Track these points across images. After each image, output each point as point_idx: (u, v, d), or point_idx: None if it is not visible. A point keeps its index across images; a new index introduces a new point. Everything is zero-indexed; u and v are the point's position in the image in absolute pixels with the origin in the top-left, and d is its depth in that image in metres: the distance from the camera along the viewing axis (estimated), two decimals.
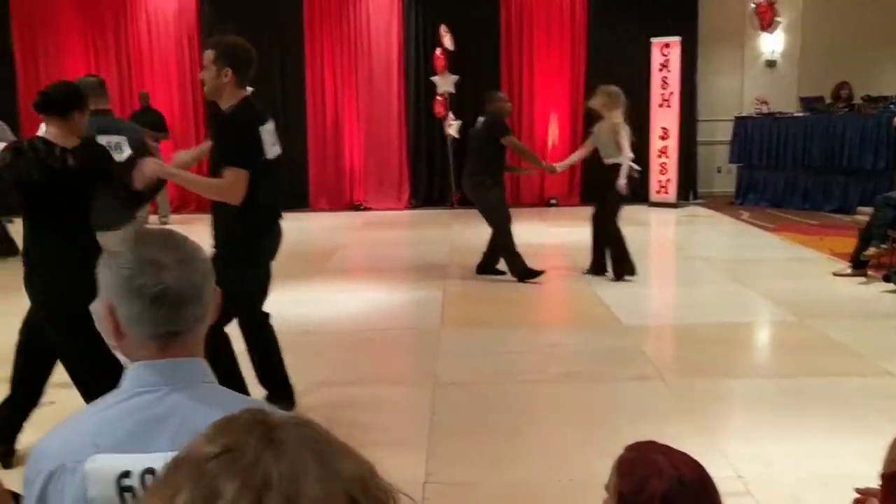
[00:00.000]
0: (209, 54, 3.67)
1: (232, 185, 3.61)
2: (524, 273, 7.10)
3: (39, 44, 12.43)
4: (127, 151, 4.62)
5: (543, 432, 3.99)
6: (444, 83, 11.91)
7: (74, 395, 3.57)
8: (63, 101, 3.49)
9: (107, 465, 1.21)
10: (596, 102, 7.28)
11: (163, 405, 1.25)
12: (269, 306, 6.09)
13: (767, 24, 12.18)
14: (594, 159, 7.44)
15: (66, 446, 1.25)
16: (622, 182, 7.00)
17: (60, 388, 4.55)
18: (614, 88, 7.36)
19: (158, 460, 1.21)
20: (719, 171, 12.78)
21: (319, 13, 12.31)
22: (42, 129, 3.66)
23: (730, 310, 6.25)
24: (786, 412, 4.13)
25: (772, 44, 12.49)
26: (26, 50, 12.44)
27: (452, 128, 11.58)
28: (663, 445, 1.51)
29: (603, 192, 7.26)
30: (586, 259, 7.61)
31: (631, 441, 1.55)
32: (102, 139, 4.47)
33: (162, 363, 1.29)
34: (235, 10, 12.23)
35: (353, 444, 0.84)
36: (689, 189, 12.37)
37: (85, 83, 4.38)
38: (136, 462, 1.21)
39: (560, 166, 8.17)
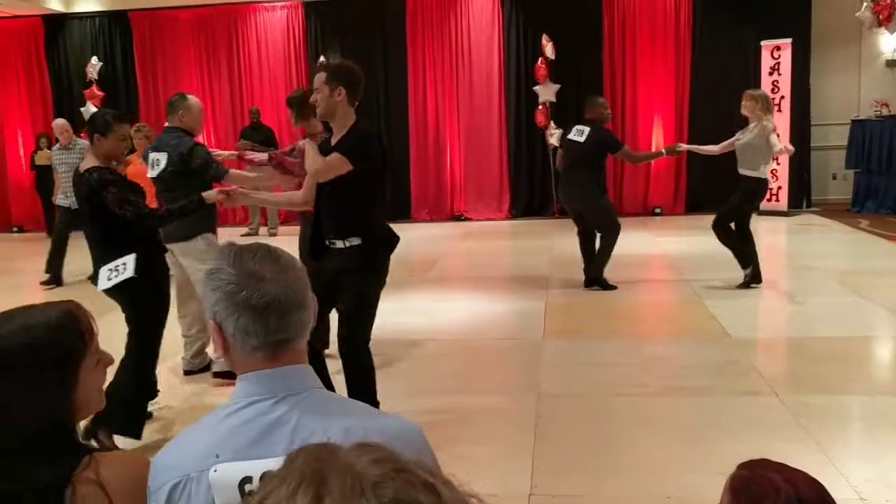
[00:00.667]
0: (320, 77, 3.80)
1: (328, 165, 3.74)
2: (602, 280, 7.18)
3: (158, 66, 13.10)
4: (161, 166, 4.84)
5: (648, 446, 3.91)
6: (546, 92, 11.86)
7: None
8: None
9: (229, 472, 1.26)
10: (745, 108, 7.11)
11: (277, 411, 1.30)
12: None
13: (887, 20, 11.56)
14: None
15: (187, 458, 1.31)
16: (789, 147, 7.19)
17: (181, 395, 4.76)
18: (760, 91, 7.22)
19: (274, 465, 1.25)
20: (834, 178, 12.23)
21: (422, 26, 12.49)
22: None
23: (847, 323, 5.96)
24: None
25: (892, 42, 11.88)
26: (146, 73, 13.13)
27: (554, 137, 11.50)
28: (778, 464, 1.46)
29: (737, 199, 7.11)
30: (692, 268, 7.39)
31: (742, 459, 1.50)
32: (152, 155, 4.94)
33: (271, 372, 1.33)
34: (341, 27, 12.57)
35: (459, 454, 0.84)
36: (802, 196, 11.89)
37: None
38: (256, 467, 1.25)
39: (685, 147, 8.06)
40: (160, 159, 4.83)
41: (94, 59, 12.85)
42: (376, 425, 1.32)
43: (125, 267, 3.86)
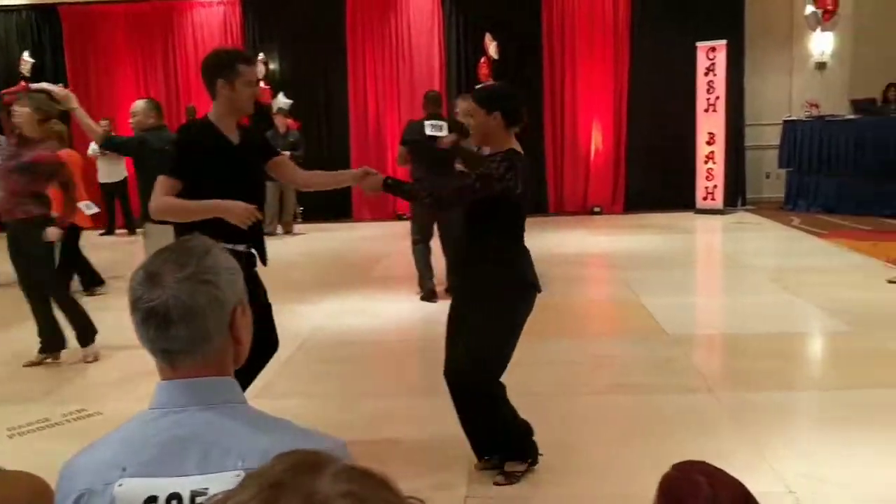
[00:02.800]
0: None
1: None
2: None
3: (90, 62, 12.75)
4: None
5: (588, 446, 3.92)
6: None
7: (125, 408, 3.60)
8: None
9: (135, 488, 1.20)
10: None
11: (189, 425, 1.24)
12: (315, 317, 6.14)
13: (827, 18, 11.85)
14: None
15: (94, 468, 1.24)
16: None
17: (111, 402, 4.62)
18: None
19: (185, 485, 1.19)
20: (768, 177, 12.54)
21: (361, 25, 12.41)
22: None
23: (781, 320, 6.09)
24: (841, 426, 3.99)
25: (821, 45, 12.22)
26: (77, 69, 12.76)
27: None
28: (710, 467, 1.45)
29: None
30: (628, 266, 7.47)
31: (678, 456, 1.51)
32: None
33: (186, 382, 1.27)
34: (280, 25, 12.40)
35: (397, 455, 0.82)
36: (736, 195, 12.16)
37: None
38: (161, 486, 1.19)
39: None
40: None
41: (27, 55, 12.45)
42: (298, 447, 1.26)
43: None
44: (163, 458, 1.21)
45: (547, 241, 9.95)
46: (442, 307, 6.81)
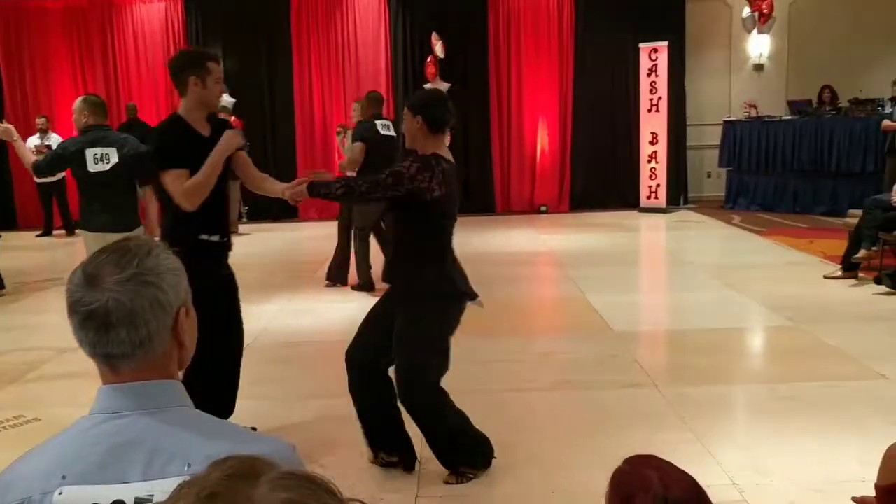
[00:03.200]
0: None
1: None
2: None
3: (25, 59, 12.39)
4: (114, 160, 4.81)
5: (536, 442, 3.94)
6: None
7: (65, 414, 3.50)
8: None
9: (75, 497, 1.15)
10: None
11: (132, 431, 1.20)
12: (261, 318, 6.04)
13: (764, 21, 12.14)
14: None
15: (32, 476, 1.19)
16: None
17: (50, 407, 4.49)
18: None
19: (128, 492, 1.16)
20: (709, 176, 12.79)
21: (307, 22, 12.30)
22: None
23: (722, 315, 6.21)
24: (781, 418, 4.09)
25: (759, 47, 12.52)
26: (11, 65, 12.39)
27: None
28: (661, 461, 1.47)
29: None
30: (575, 265, 7.54)
31: (625, 451, 1.52)
32: (91, 151, 4.78)
33: (128, 386, 1.23)
34: (223, 21, 12.22)
35: (341, 457, 0.80)
36: (679, 194, 12.39)
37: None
38: (104, 494, 1.15)
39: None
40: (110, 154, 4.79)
41: None
42: (246, 452, 1.22)
43: None
44: (105, 465, 1.17)
45: (495, 239, 10.00)
46: None
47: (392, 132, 7.11)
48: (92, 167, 4.80)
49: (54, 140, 11.37)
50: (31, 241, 11.35)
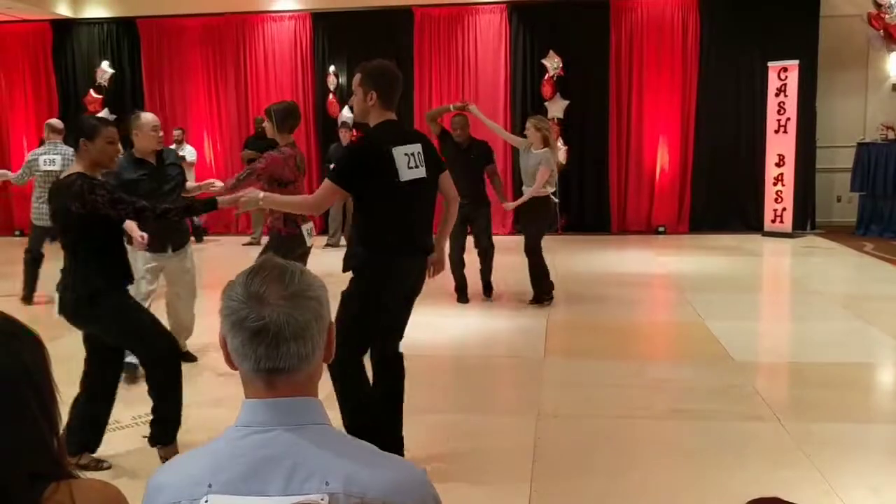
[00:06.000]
0: (356, 78, 3.68)
1: (316, 196, 3.72)
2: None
3: (165, 74, 13.11)
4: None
5: (650, 471, 3.86)
6: (555, 108, 11.90)
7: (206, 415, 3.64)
8: None
9: None
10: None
11: (275, 446, 1.25)
12: None
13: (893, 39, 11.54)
14: None
15: (180, 483, 1.27)
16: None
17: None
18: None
19: None
20: (839, 200, 12.20)
21: (429, 39, 12.50)
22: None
23: (851, 349, 5.91)
24: None
25: None
26: (153, 78, 13.14)
27: (560, 153, 11.50)
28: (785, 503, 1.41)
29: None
30: (694, 288, 7.32)
31: (742, 485, 1.49)
32: None
33: (273, 402, 1.28)
34: (348, 39, 12.58)
35: (454, 476, 0.81)
36: (806, 218, 11.85)
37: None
38: None
39: (474, 109, 7.74)
40: None
41: (105, 65, 12.91)
42: (379, 475, 1.26)
43: None
44: (248, 477, 1.23)
45: (610, 260, 9.86)
46: (502, 324, 6.79)
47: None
48: None
49: (188, 151, 11.99)
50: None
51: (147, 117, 5.29)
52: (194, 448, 1.36)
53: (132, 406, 4.60)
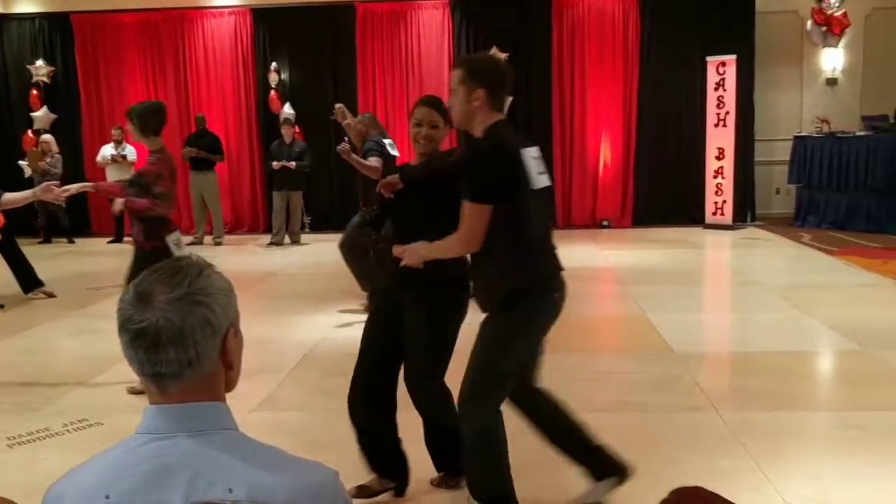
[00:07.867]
0: (456, 75, 3.00)
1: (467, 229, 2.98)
2: None
3: (101, 70, 12.80)
4: None
5: None
6: None
7: (128, 420, 3.56)
8: None
9: None
10: None
11: (175, 453, 1.20)
12: (319, 328, 6.07)
13: (839, 30, 11.82)
14: None
15: (77, 494, 1.21)
16: None
17: (113, 413, 4.59)
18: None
19: None
20: (778, 193, 12.47)
21: (371, 34, 12.43)
22: None
23: (789, 338, 6.03)
24: (849, 448, 3.93)
25: (832, 61, 12.18)
26: (88, 77, 12.82)
27: None
28: (710, 493, 1.42)
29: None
30: (636, 282, 7.40)
31: (680, 476, 1.48)
32: None
33: (173, 407, 1.23)
34: (290, 35, 12.43)
35: None
36: (746, 210, 12.09)
37: None
38: None
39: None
40: None
41: (40, 62, 12.58)
42: (284, 479, 1.21)
43: None
44: (147, 486, 1.18)
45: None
46: None
47: (397, 153, 7.26)
48: None
49: (129, 151, 11.73)
50: (103, 248, 11.70)
51: None
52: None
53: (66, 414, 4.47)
